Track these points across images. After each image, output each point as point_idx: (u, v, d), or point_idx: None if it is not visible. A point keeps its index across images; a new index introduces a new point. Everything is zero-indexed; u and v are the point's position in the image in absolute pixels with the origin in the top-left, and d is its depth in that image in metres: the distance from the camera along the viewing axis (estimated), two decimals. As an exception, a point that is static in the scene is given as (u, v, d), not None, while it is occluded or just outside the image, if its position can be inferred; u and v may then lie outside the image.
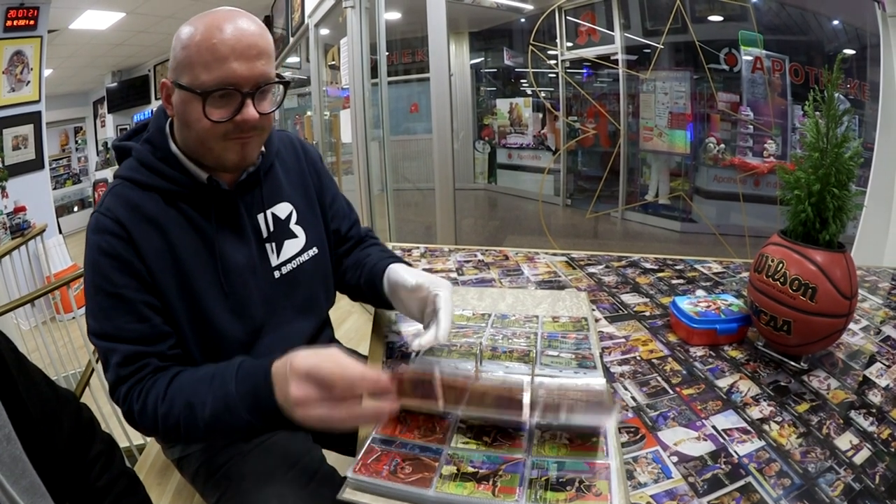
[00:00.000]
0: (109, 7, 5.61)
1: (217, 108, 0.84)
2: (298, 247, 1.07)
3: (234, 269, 0.95)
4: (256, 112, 0.86)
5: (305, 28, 4.58)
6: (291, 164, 1.11)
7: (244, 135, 0.88)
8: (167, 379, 0.84)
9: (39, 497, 0.60)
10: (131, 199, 0.89)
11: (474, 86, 6.46)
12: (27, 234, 4.15)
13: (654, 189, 4.38)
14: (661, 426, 0.80)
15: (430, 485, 0.66)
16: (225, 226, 0.96)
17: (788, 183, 0.96)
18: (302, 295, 1.07)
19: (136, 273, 0.86)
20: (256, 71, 0.84)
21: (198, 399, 0.79)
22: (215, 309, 0.93)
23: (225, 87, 0.82)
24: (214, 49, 0.81)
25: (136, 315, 0.86)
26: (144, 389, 0.83)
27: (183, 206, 0.92)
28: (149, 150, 0.93)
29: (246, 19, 0.85)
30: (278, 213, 1.05)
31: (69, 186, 9.35)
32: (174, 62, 0.86)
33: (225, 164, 0.92)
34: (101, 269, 0.85)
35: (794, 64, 3.47)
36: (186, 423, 0.80)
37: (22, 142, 4.76)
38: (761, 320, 0.96)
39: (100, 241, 0.86)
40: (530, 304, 1.21)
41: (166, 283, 0.89)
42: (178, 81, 0.85)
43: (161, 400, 0.81)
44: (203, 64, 0.81)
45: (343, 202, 1.22)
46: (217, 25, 0.82)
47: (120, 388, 0.85)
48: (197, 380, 0.82)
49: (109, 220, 0.86)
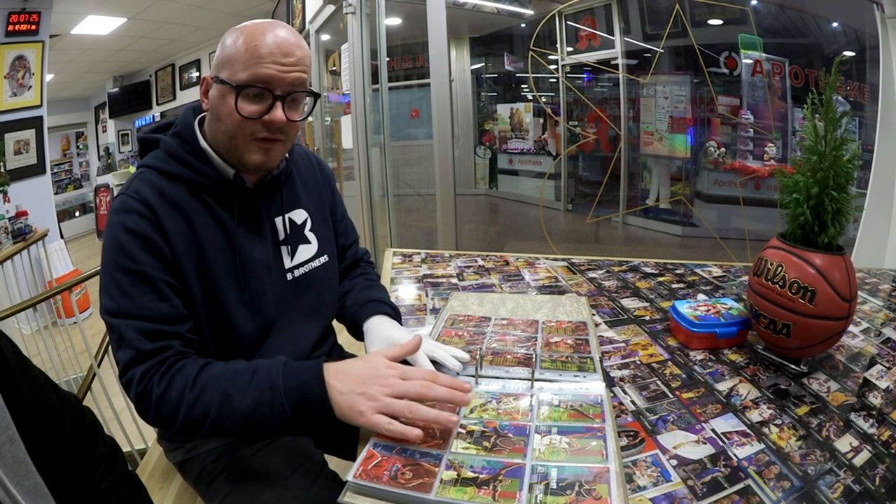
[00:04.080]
0: (111, 12, 5.63)
1: (249, 104, 0.88)
2: (311, 252, 1.10)
3: (252, 266, 0.98)
4: (285, 116, 0.90)
5: (306, 34, 4.60)
6: (308, 176, 1.16)
7: (270, 136, 0.92)
8: (197, 367, 0.83)
9: (42, 499, 0.60)
10: (158, 186, 0.91)
11: (475, 91, 6.47)
12: (29, 239, 4.16)
13: (654, 193, 4.38)
14: (660, 430, 0.80)
15: (431, 490, 0.66)
16: (246, 223, 0.98)
17: (787, 186, 0.96)
18: (311, 299, 1.09)
19: (160, 254, 0.87)
20: (290, 76, 0.89)
21: (237, 389, 0.80)
22: (231, 301, 0.95)
23: (259, 84, 0.87)
24: (255, 50, 0.86)
25: (158, 294, 0.86)
26: (169, 374, 0.82)
27: (207, 199, 0.94)
28: (178, 142, 0.95)
29: (287, 31, 0.90)
30: (295, 219, 1.08)
31: (70, 191, 9.36)
32: (217, 60, 0.91)
33: (247, 165, 0.95)
34: (124, 247, 0.85)
35: (794, 67, 3.48)
36: (219, 413, 0.79)
37: (23, 146, 4.77)
38: (761, 324, 0.97)
39: (125, 219, 0.86)
40: (531, 309, 1.21)
41: (188, 268, 0.90)
42: (218, 76, 0.89)
43: (190, 387, 0.81)
44: (243, 62, 0.87)
45: (349, 222, 1.27)
46: (262, 31, 0.88)
47: (136, 368, 0.83)
48: (236, 371, 0.83)
49: (136, 202, 0.88)
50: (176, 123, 0.99)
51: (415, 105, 5.27)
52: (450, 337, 1.07)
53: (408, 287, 1.43)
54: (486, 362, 0.96)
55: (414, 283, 1.46)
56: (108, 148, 9.38)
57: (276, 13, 6.04)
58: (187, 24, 5.83)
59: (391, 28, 3.86)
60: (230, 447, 1.02)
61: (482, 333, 1.09)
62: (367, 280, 1.22)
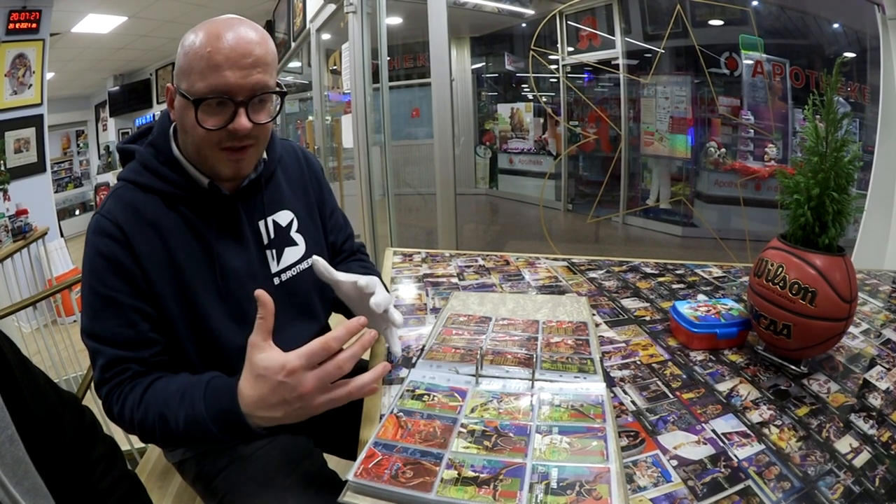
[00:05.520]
0: (111, 11, 5.63)
1: (210, 115, 0.85)
2: (298, 255, 1.07)
3: (233, 274, 0.96)
4: (249, 121, 0.86)
5: (307, 33, 4.60)
6: (294, 173, 1.12)
7: (238, 143, 0.88)
8: (143, 386, 0.85)
9: (42, 499, 0.60)
10: (132, 202, 0.90)
11: (475, 91, 6.46)
12: (29, 237, 4.16)
13: (655, 193, 4.38)
14: (660, 430, 0.80)
15: (431, 489, 0.66)
16: (225, 231, 0.96)
17: (788, 187, 0.96)
18: (300, 302, 1.07)
19: (130, 278, 0.87)
20: (251, 80, 0.84)
21: (170, 412, 0.81)
22: (212, 313, 0.93)
23: (217, 95, 0.83)
24: (209, 57, 0.82)
25: (124, 319, 0.87)
26: (123, 394, 0.86)
27: (183, 210, 0.92)
28: (152, 153, 0.94)
29: (247, 27, 0.85)
30: (279, 221, 1.06)
31: (71, 190, 9.36)
32: (177, 68, 0.87)
33: (220, 175, 0.93)
34: (96, 271, 0.87)
35: (795, 67, 3.47)
36: (162, 433, 0.82)
37: (24, 145, 4.77)
38: (761, 324, 0.97)
39: (98, 243, 0.87)
40: (531, 309, 1.21)
41: (163, 287, 0.89)
42: (179, 87, 0.86)
43: (136, 407, 0.84)
44: (199, 71, 0.82)
45: (340, 216, 1.24)
46: (216, 34, 0.82)
47: (101, 388, 0.88)
48: (169, 395, 0.83)
49: (109, 223, 0.87)
50: (152, 131, 0.97)
51: (415, 104, 5.26)
52: (450, 336, 1.07)
53: (408, 286, 1.43)
54: (486, 362, 0.96)
55: (414, 283, 1.46)
56: (109, 146, 9.38)
57: (276, 12, 6.04)
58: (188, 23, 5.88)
59: (392, 27, 3.86)
60: (229, 447, 1.02)
61: (482, 333, 1.09)
62: (362, 265, 1.20)
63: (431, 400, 0.86)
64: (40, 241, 4.36)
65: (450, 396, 0.87)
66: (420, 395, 0.87)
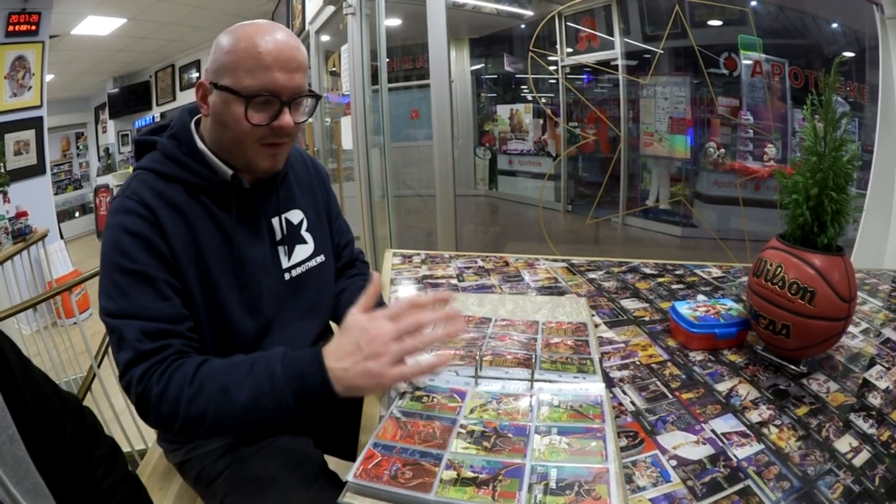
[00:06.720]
0: (111, 13, 5.63)
1: (257, 112, 0.88)
2: (308, 252, 1.10)
3: (250, 265, 0.98)
4: (292, 120, 0.91)
5: (306, 35, 4.60)
6: (303, 176, 1.16)
7: (278, 140, 0.93)
8: (195, 364, 0.82)
9: (42, 499, 0.60)
10: (156, 187, 0.91)
11: (475, 92, 6.46)
12: (28, 240, 4.16)
13: (654, 194, 4.38)
14: (660, 430, 0.81)
15: (431, 489, 0.66)
16: (244, 223, 0.99)
17: (786, 187, 0.96)
18: (308, 298, 1.09)
19: (160, 254, 0.87)
20: (295, 82, 0.89)
21: (235, 382, 0.78)
22: (230, 301, 0.95)
23: (267, 93, 0.87)
24: (260, 57, 0.85)
25: (158, 293, 0.86)
26: (168, 372, 0.81)
27: (205, 200, 0.94)
28: (174, 144, 0.95)
29: (285, 33, 0.90)
30: (291, 219, 1.09)
31: (70, 192, 9.36)
32: (215, 65, 0.89)
33: (256, 169, 0.96)
34: (123, 248, 0.85)
35: (794, 67, 3.47)
36: (217, 408, 0.77)
37: (23, 147, 4.77)
38: (760, 324, 0.97)
39: (124, 220, 0.86)
40: (530, 310, 1.22)
41: (188, 268, 0.90)
42: (219, 82, 0.88)
43: (188, 384, 0.79)
44: (247, 69, 0.86)
45: (343, 222, 1.28)
46: (261, 35, 0.87)
47: (135, 368, 0.81)
48: (233, 365, 0.81)
49: (135, 203, 0.88)
50: (172, 125, 0.99)
51: (414, 106, 5.26)
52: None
53: (408, 288, 1.43)
54: (485, 363, 0.96)
55: (414, 284, 1.46)
56: (108, 148, 9.38)
57: (275, 14, 6.04)
58: (187, 25, 5.83)
59: (391, 29, 3.86)
60: (230, 448, 1.02)
61: (482, 334, 1.09)
62: (364, 280, 1.23)
63: (431, 401, 0.86)
64: (40, 244, 4.36)
65: (449, 397, 0.87)
66: (419, 396, 0.87)
